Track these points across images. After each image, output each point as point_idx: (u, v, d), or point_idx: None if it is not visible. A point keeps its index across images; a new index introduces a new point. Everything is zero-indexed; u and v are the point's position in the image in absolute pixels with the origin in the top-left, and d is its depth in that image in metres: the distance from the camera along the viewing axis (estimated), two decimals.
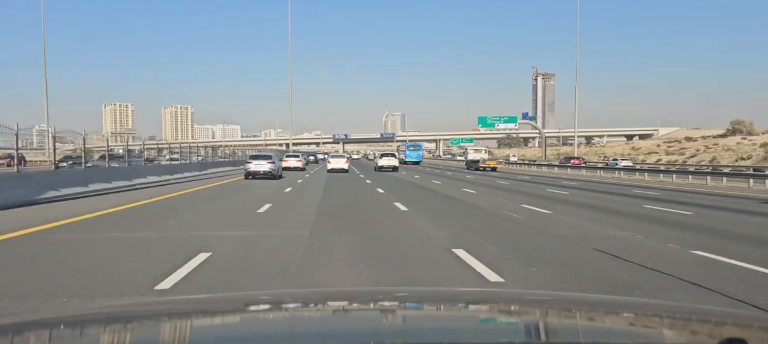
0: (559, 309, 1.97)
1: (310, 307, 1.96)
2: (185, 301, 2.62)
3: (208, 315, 1.86)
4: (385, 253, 8.03)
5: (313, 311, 1.91)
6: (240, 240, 8.91)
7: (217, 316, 1.85)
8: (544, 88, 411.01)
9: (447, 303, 2.12)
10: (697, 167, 50.60)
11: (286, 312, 1.89)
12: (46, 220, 11.29)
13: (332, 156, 45.71)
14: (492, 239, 9.35)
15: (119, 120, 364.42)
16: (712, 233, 10.59)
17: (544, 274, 6.70)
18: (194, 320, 1.78)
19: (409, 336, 1.58)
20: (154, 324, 1.74)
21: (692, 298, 5.58)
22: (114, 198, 17.00)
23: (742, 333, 1.56)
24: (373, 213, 13.81)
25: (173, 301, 2.89)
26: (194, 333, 1.66)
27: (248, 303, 2.08)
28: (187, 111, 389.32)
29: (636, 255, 7.90)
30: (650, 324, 1.76)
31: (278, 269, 6.82)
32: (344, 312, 1.92)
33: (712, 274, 6.72)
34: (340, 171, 37.54)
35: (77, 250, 8.11)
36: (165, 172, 28.66)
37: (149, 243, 8.78)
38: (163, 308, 2.10)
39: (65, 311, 3.27)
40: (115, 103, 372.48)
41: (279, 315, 1.87)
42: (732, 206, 17.39)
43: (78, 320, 1.81)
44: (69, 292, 5.55)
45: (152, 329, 1.69)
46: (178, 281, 6.05)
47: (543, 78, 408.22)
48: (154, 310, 2.00)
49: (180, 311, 1.94)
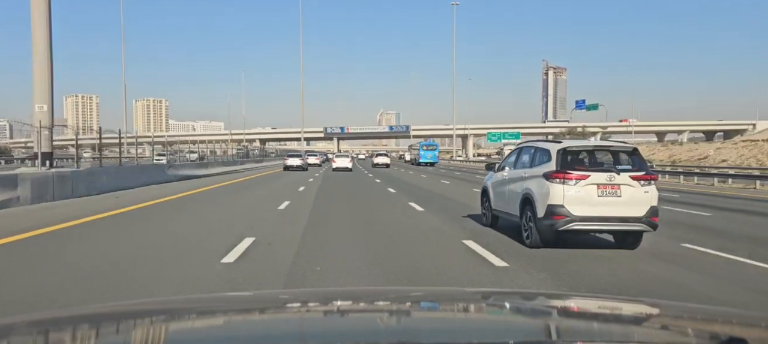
0: (560, 309, 1.95)
1: (311, 307, 1.95)
2: (185, 301, 2.60)
3: (208, 315, 1.84)
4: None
5: (313, 311, 1.90)
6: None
7: (217, 316, 1.83)
8: (556, 83, 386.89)
9: (448, 303, 2.12)
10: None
11: (286, 312, 1.90)
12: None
13: (337, 155, 50.29)
14: None
15: (82, 112, 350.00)
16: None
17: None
18: (194, 320, 1.77)
19: (410, 336, 1.59)
20: (154, 324, 1.72)
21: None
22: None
23: (743, 333, 1.57)
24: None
25: (173, 301, 2.78)
26: (194, 333, 1.66)
27: (248, 304, 2.08)
28: (161, 104, 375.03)
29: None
30: (651, 325, 1.77)
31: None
32: (345, 312, 1.91)
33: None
34: (345, 169, 41.59)
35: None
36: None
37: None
38: (163, 308, 2.06)
39: (65, 311, 3.03)
40: (77, 94, 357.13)
41: (279, 316, 1.86)
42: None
43: (78, 320, 1.78)
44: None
45: (152, 329, 1.67)
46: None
47: (554, 72, 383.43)
48: (154, 310, 1.97)
49: (180, 311, 1.92)
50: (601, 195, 8.04)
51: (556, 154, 8.37)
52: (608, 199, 8.04)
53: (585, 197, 8.04)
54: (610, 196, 8.05)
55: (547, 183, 8.23)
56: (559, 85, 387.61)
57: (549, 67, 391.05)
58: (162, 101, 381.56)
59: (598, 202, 8.03)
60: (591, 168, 8.33)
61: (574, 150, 8.65)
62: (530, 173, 8.91)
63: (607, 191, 8.06)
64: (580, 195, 8.04)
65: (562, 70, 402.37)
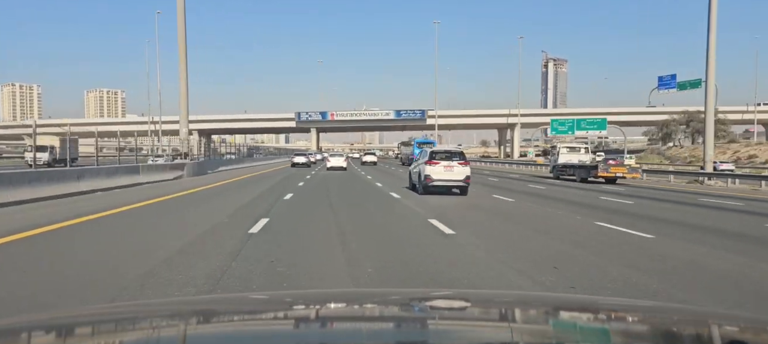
0: (560, 310, 1.99)
1: (310, 308, 1.98)
2: (185, 301, 2.75)
3: (208, 316, 1.89)
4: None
5: (313, 311, 1.94)
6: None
7: (217, 316, 1.90)
8: (556, 76, 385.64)
9: (448, 304, 2.16)
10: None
11: (286, 312, 1.96)
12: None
13: (331, 155, 49.58)
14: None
15: (19, 104, 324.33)
16: None
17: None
18: (194, 320, 1.82)
19: (409, 337, 1.67)
20: (154, 324, 1.76)
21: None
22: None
23: (743, 336, 1.60)
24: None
25: (173, 301, 2.90)
26: (194, 333, 1.68)
27: (248, 304, 2.17)
28: (117, 96, 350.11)
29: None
30: (651, 326, 1.79)
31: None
32: (344, 312, 1.95)
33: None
34: (339, 169, 42.13)
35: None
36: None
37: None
38: (163, 308, 2.14)
39: (65, 311, 3.18)
40: (14, 83, 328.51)
41: (279, 316, 1.91)
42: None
43: (78, 320, 1.83)
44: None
45: (152, 329, 1.71)
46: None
47: (555, 64, 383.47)
48: (154, 310, 2.03)
49: (180, 311, 1.99)
50: (445, 170, 18.90)
51: (429, 154, 19.33)
52: (448, 172, 18.90)
53: (440, 171, 18.89)
54: (449, 171, 18.92)
55: (426, 166, 19.13)
56: (559, 78, 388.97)
57: (548, 58, 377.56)
58: (118, 92, 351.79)
59: (444, 174, 18.89)
60: (442, 159, 19.18)
61: (436, 151, 19.70)
62: (420, 162, 19.92)
63: (448, 169, 18.92)
64: (437, 171, 18.90)
65: (563, 62, 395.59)
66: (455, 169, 18.90)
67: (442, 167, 18.89)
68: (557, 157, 35.73)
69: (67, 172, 19.06)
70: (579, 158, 34.03)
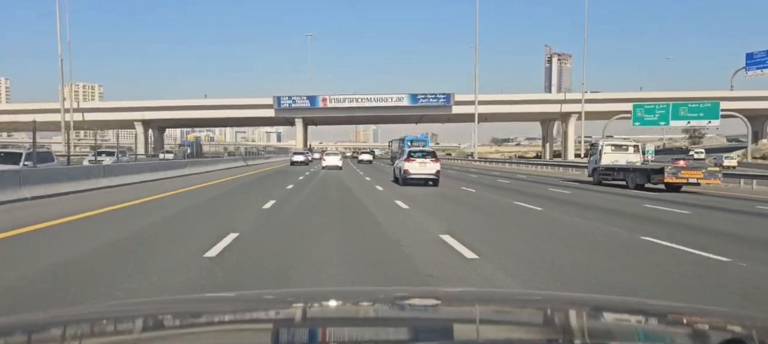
0: (559, 309, 1.99)
1: (310, 307, 1.99)
2: (185, 301, 2.67)
3: (208, 315, 1.90)
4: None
5: (313, 311, 1.94)
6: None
7: (216, 316, 1.90)
8: (560, 72, 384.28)
9: (446, 304, 2.16)
10: None
11: (285, 312, 1.96)
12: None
13: (327, 154, 49.18)
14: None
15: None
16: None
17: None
18: (194, 320, 1.83)
19: (409, 337, 1.67)
20: (154, 324, 1.78)
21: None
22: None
23: (743, 334, 1.61)
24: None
25: (173, 301, 2.88)
26: (194, 333, 1.71)
27: (248, 304, 2.12)
28: (93, 90, 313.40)
29: None
30: (650, 325, 1.80)
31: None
32: (344, 312, 1.97)
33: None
34: (335, 168, 41.36)
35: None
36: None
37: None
38: (162, 308, 2.13)
39: (65, 311, 3.24)
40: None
41: (279, 316, 1.91)
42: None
43: (78, 320, 1.83)
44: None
45: (152, 329, 1.73)
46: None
47: (559, 59, 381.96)
48: (153, 310, 2.04)
49: (180, 311, 1.98)
50: (420, 166, 23.57)
51: (407, 153, 24.10)
52: (422, 168, 23.59)
53: (416, 167, 23.57)
54: (423, 166, 23.59)
55: (405, 162, 23.73)
56: (563, 74, 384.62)
57: (552, 53, 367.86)
58: (95, 86, 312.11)
59: (419, 168, 23.62)
60: (418, 157, 23.98)
61: (413, 151, 24.76)
62: (402, 159, 24.65)
63: (422, 165, 23.62)
64: (414, 166, 23.60)
65: (567, 57, 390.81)
66: (428, 164, 23.66)
67: (418, 163, 23.61)
68: (599, 156, 28.93)
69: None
70: (627, 158, 27.86)
